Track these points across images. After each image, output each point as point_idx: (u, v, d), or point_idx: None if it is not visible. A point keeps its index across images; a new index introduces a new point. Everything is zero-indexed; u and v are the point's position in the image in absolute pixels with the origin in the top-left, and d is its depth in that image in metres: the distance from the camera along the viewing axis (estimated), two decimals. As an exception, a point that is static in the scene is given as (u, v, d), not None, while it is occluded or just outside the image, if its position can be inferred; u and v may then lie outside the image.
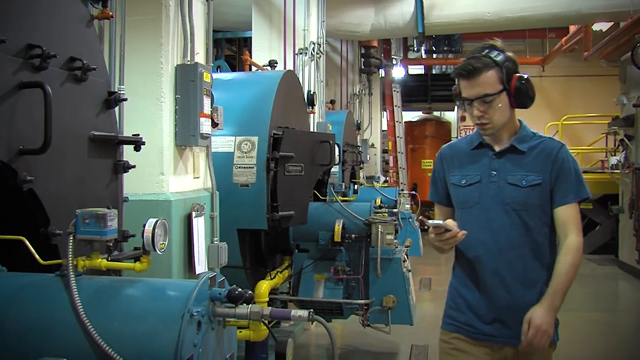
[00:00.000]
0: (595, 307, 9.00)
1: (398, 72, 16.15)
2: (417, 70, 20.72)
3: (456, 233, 2.71)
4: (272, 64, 6.91)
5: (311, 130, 7.28)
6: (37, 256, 2.21)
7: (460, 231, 2.71)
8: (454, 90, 2.91)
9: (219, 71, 6.14)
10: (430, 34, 12.97)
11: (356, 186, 8.87)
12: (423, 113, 20.26)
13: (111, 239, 2.17)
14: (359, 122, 12.56)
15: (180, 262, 3.86)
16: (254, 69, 7.11)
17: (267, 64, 7.04)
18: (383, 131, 16.83)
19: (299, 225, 5.56)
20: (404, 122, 16.70)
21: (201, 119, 3.94)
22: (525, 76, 2.80)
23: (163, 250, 2.29)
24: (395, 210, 6.85)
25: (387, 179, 15.13)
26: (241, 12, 8.96)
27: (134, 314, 1.93)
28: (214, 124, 4.20)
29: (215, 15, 4.48)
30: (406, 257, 5.82)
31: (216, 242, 4.26)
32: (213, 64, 4.80)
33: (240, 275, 5.15)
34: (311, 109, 7.37)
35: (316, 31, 8.45)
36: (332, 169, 6.92)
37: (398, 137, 15.79)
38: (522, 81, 2.77)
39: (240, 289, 1.98)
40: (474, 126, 2.92)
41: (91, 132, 2.68)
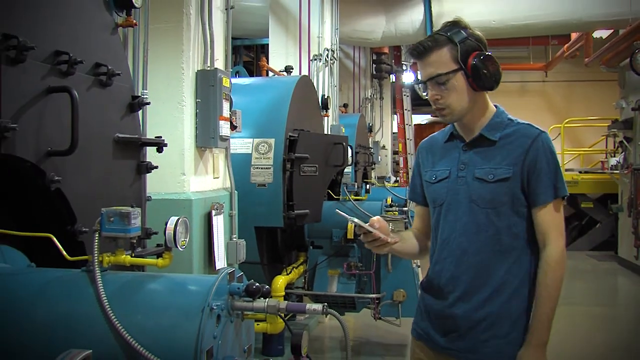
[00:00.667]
0: (596, 301, 8.94)
1: (408, 77, 16.08)
2: (426, 75, 20.65)
3: (377, 236, 2.25)
4: (288, 69, 6.91)
5: (325, 132, 7.27)
6: (64, 252, 2.19)
7: (391, 237, 2.28)
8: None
9: (237, 76, 6.15)
10: (438, 41, 12.85)
11: (368, 186, 8.86)
12: (432, 116, 20.16)
13: (135, 236, 2.15)
14: (370, 124, 12.55)
15: (200, 258, 3.85)
16: (270, 74, 7.10)
17: (283, 69, 7.04)
18: (394, 133, 16.79)
19: (313, 223, 5.55)
20: (414, 124, 16.64)
21: (220, 121, 3.93)
22: (486, 53, 2.30)
23: (184, 247, 2.27)
24: (405, 208, 6.80)
25: (398, 179, 15.09)
26: (259, 20, 8.96)
27: (157, 308, 1.91)
28: (233, 127, 4.19)
29: (234, 23, 4.47)
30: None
31: (235, 239, 4.25)
32: (232, 70, 4.80)
33: (258, 271, 5.15)
34: (325, 113, 7.35)
35: (330, 38, 8.43)
36: (345, 170, 6.92)
37: (408, 139, 15.73)
38: (479, 57, 2.27)
39: (257, 284, 1.96)
40: None
41: (116, 135, 2.67)
